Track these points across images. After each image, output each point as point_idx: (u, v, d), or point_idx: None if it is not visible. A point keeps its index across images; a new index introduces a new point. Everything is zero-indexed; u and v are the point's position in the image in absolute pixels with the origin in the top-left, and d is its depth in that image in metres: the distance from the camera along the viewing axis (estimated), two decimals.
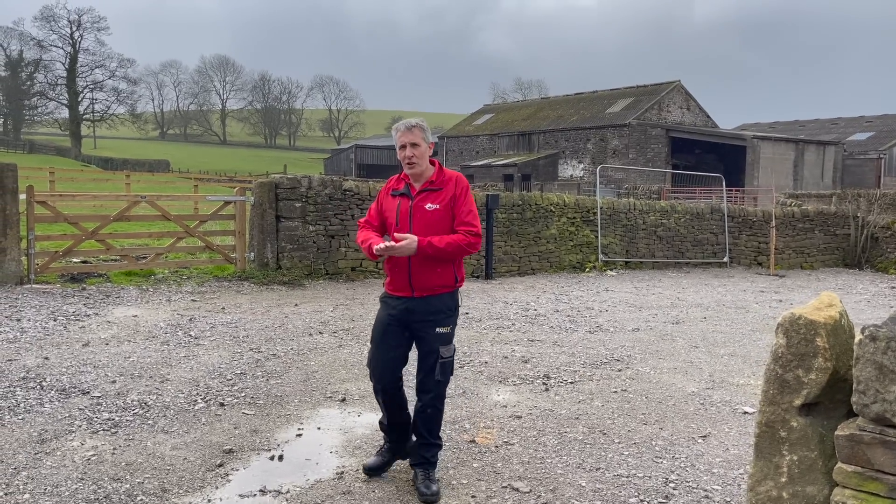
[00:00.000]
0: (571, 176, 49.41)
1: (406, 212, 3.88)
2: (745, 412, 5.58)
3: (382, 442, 4.29)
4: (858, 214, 18.41)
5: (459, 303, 4.04)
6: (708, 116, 52.03)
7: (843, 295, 12.77)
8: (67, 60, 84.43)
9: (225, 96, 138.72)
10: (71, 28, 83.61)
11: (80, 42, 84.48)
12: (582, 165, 49.43)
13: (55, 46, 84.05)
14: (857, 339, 1.98)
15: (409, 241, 3.70)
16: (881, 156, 46.26)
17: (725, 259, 16.82)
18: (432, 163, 3.98)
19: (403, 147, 3.87)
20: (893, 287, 13.81)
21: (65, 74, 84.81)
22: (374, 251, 3.77)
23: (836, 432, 2.05)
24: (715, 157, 46.45)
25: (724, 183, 19.48)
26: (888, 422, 1.93)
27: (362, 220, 4.11)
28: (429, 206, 3.84)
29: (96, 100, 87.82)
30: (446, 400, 5.56)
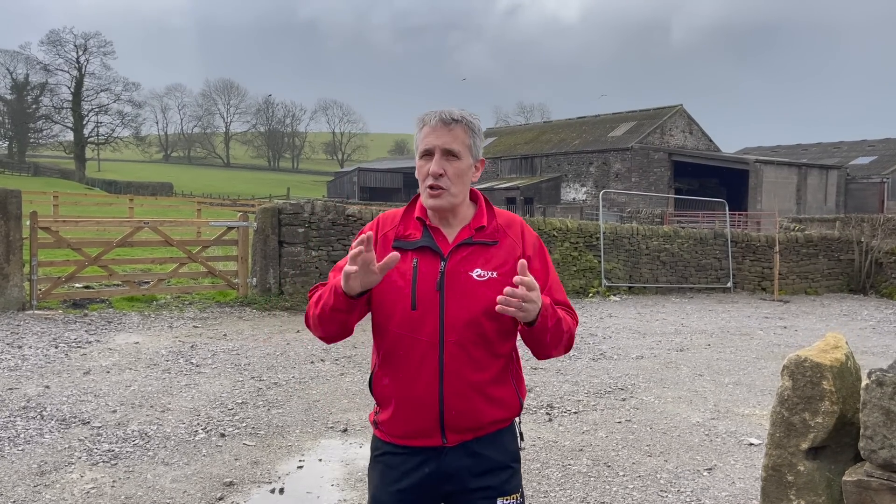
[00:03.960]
0: (574, 199, 49.51)
1: (433, 280, 2.04)
2: (751, 444, 5.53)
3: None
4: (862, 239, 18.38)
5: (522, 444, 2.25)
6: (710, 140, 52.23)
7: (848, 321, 12.71)
8: (73, 84, 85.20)
9: (229, 119, 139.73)
10: (77, 52, 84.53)
11: (85, 66, 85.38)
12: (585, 189, 49.55)
13: (61, 70, 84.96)
14: (863, 384, 1.96)
15: (536, 289, 1.91)
16: (884, 180, 46.33)
17: (729, 284, 16.77)
18: (474, 196, 2.22)
19: (428, 154, 2.08)
20: None
21: (70, 98, 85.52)
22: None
23: (843, 478, 2.02)
24: (717, 180, 46.54)
25: (727, 207, 19.50)
26: None
27: (319, 285, 2.17)
28: (478, 273, 2.06)
29: (101, 123, 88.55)
30: None
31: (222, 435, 5.34)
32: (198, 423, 5.57)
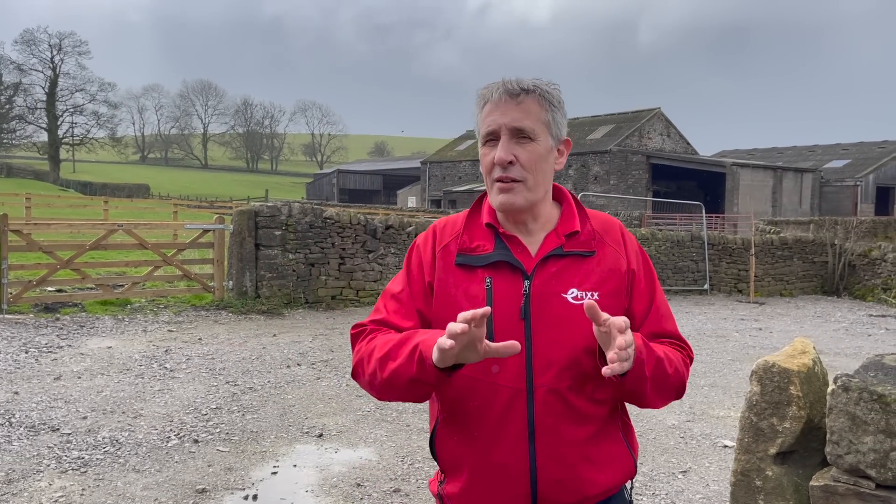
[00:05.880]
0: None
1: (514, 306, 1.58)
2: (726, 446, 5.57)
3: None
4: (836, 242, 18.63)
5: None
6: (688, 143, 52.72)
7: (821, 323, 12.87)
8: (47, 84, 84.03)
9: (207, 120, 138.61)
10: (52, 52, 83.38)
11: (60, 66, 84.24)
12: None
13: (35, 70, 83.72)
14: (829, 389, 1.97)
15: (628, 339, 1.40)
16: (857, 183, 47.05)
17: (706, 286, 16.91)
18: (558, 193, 1.77)
19: (492, 138, 1.62)
20: (871, 315, 13.94)
21: (44, 98, 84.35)
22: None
23: (810, 483, 2.04)
24: (695, 183, 46.98)
25: (703, 210, 19.67)
26: (862, 473, 1.92)
27: (369, 320, 1.71)
28: (573, 294, 1.58)
29: (76, 123, 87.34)
30: (425, 435, 5.52)
31: (195, 441, 5.27)
32: (170, 429, 5.50)
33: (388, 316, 1.67)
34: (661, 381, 1.55)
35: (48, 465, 4.69)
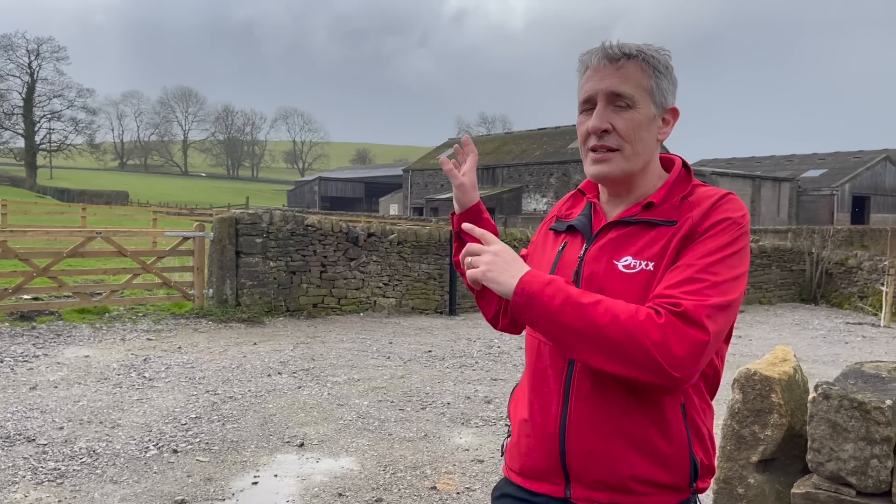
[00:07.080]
0: (535, 210, 49.91)
1: (569, 271, 1.57)
2: None
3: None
4: (813, 250, 18.86)
5: None
6: (668, 152, 53.13)
7: (800, 330, 13.01)
8: (25, 90, 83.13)
9: (187, 127, 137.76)
10: (29, 57, 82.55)
11: (38, 71, 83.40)
12: (545, 199, 49.99)
13: (12, 76, 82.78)
14: (810, 397, 1.99)
15: (486, 251, 1.52)
16: (834, 192, 47.72)
17: None
18: (668, 162, 1.70)
19: (588, 105, 1.56)
20: (848, 322, 14.12)
21: (21, 104, 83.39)
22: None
23: (792, 490, 2.05)
24: None
25: None
26: (843, 480, 1.93)
27: None
28: (626, 262, 1.49)
29: (53, 129, 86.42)
30: (407, 444, 5.51)
31: (175, 451, 5.21)
32: (149, 439, 5.43)
33: None
34: (565, 323, 1.35)
35: (24, 477, 4.61)
